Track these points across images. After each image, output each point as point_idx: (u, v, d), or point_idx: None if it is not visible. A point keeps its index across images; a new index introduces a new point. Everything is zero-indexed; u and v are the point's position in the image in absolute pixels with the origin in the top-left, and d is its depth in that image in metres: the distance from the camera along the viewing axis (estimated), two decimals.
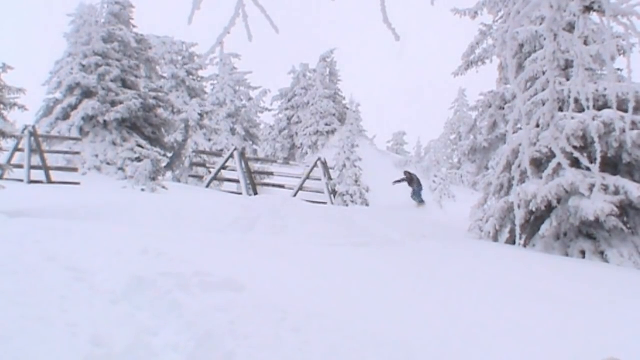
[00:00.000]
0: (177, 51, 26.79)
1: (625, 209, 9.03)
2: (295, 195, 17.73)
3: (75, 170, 16.39)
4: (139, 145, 17.84)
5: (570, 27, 8.47)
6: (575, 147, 8.20)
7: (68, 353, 3.10)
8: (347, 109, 37.77)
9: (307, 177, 18.83)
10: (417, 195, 18.67)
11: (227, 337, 3.43)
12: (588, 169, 3.64)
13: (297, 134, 35.39)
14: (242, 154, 19.07)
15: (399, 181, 19.24)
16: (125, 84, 18.95)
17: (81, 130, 17.92)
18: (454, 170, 29.85)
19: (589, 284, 6.59)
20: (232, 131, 28.63)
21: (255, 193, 18.37)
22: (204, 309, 3.94)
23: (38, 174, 14.80)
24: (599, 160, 3.68)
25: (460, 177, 29.15)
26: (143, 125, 19.06)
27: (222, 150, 23.14)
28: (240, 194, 17.67)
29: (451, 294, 5.22)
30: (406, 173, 19.48)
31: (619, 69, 9.60)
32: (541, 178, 8.95)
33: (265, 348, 3.32)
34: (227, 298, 4.18)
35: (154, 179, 14.93)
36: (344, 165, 20.59)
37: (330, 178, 19.38)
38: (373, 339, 3.53)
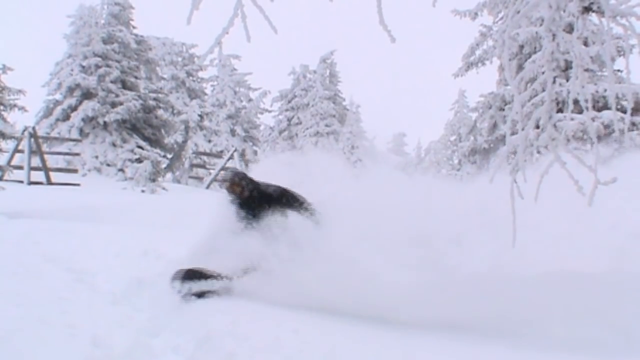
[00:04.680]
0: (177, 52, 26.83)
1: None
2: None
3: (75, 171, 16.39)
4: (139, 147, 17.85)
5: (570, 28, 8.46)
6: (575, 148, 8.23)
7: (68, 354, 3.09)
8: (347, 110, 37.83)
9: None
10: None
11: (228, 338, 3.43)
12: None
13: (297, 135, 35.39)
14: (242, 155, 19.07)
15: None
16: (125, 85, 18.97)
17: (81, 131, 17.95)
18: (454, 172, 29.84)
19: None
20: (232, 132, 28.65)
21: None
22: (204, 310, 3.94)
23: (38, 175, 14.79)
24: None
25: (460, 179, 29.14)
26: (143, 126, 19.08)
27: (222, 152, 23.14)
28: None
29: None
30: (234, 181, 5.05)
31: (618, 70, 9.60)
32: None
33: (265, 349, 3.32)
34: (228, 299, 4.18)
35: (153, 180, 14.94)
36: None
37: None
38: (373, 339, 3.53)
